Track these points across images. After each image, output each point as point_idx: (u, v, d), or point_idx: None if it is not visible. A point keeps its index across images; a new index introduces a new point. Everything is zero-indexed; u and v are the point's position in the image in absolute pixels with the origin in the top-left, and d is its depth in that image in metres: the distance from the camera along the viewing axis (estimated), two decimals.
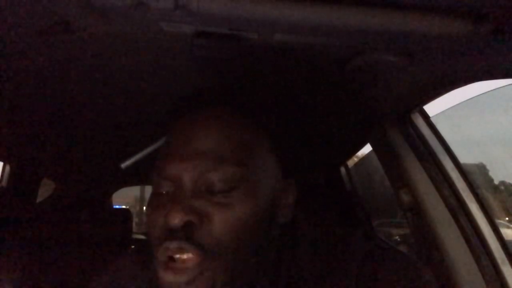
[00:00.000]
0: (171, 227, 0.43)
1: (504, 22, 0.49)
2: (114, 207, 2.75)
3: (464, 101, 1.40)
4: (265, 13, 0.47)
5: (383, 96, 0.85)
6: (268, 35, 0.56)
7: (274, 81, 0.82)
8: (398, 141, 0.95)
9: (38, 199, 1.94)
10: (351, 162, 1.90)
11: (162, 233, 0.45)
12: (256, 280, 0.49)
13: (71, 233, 1.80)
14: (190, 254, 0.43)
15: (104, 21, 0.54)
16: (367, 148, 1.46)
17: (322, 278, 0.51)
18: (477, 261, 0.84)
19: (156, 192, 0.49)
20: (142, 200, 8.22)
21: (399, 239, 2.29)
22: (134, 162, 0.63)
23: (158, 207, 0.47)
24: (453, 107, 1.41)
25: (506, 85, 1.13)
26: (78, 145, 1.39)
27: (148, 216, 0.48)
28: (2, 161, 1.64)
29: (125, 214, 2.07)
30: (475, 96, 1.35)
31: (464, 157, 1.02)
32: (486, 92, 1.31)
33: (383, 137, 0.98)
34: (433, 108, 0.99)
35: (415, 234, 0.96)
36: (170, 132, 0.52)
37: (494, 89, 1.27)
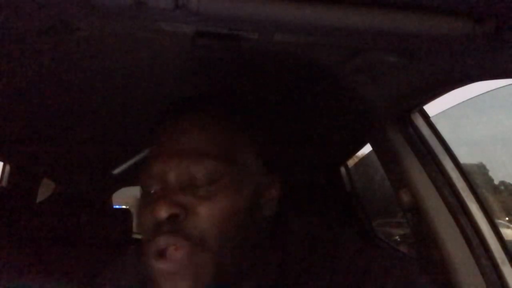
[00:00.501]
0: (158, 221, 0.46)
1: (504, 22, 0.49)
2: (114, 207, 2.75)
3: (464, 101, 1.40)
4: (265, 13, 0.47)
5: (383, 96, 0.85)
6: (268, 35, 0.56)
7: (274, 81, 0.82)
8: (398, 141, 0.95)
9: (38, 199, 1.94)
10: (351, 162, 1.91)
11: (151, 228, 0.48)
12: (243, 272, 0.51)
13: (71, 233, 1.80)
14: (178, 245, 0.46)
15: (104, 21, 0.54)
16: (367, 148, 1.46)
17: (312, 274, 0.52)
18: (477, 261, 0.84)
19: (144, 192, 0.52)
20: None
21: (399, 239, 2.29)
22: (134, 162, 0.63)
23: (146, 205, 0.49)
24: (453, 107, 1.41)
25: (506, 85, 1.13)
26: (78, 145, 1.39)
27: (138, 215, 0.51)
28: (2, 161, 1.64)
29: (125, 214, 2.07)
30: (475, 96, 1.35)
31: (464, 157, 1.02)
32: (486, 92, 1.32)
33: (383, 137, 0.98)
34: (433, 108, 0.99)
35: (415, 234, 0.96)
36: (157, 135, 0.54)
37: (494, 89, 1.28)
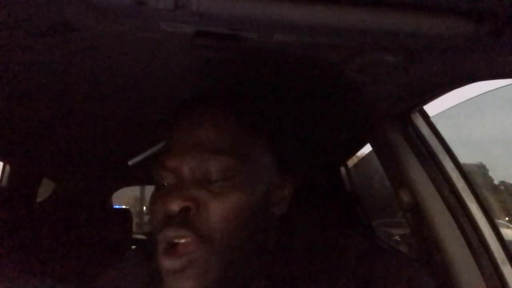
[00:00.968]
0: (169, 213, 0.46)
1: (504, 22, 0.49)
2: (114, 207, 2.76)
3: (464, 101, 1.40)
4: (265, 13, 0.47)
5: (383, 96, 0.85)
6: (268, 35, 0.56)
7: (274, 81, 0.82)
8: (398, 141, 0.95)
9: (38, 199, 1.94)
10: (351, 162, 1.91)
11: (162, 220, 0.48)
12: (251, 272, 0.51)
13: (71, 233, 1.80)
14: (187, 239, 0.46)
15: (104, 21, 0.54)
16: (367, 148, 1.46)
17: (318, 277, 0.51)
18: (477, 261, 0.84)
19: (158, 185, 0.52)
20: (142, 200, 8.22)
21: (399, 239, 2.29)
22: (134, 163, 0.63)
23: (159, 198, 0.49)
24: (453, 107, 1.41)
25: (506, 85, 1.13)
26: (78, 145, 1.39)
27: (150, 207, 0.51)
28: (2, 161, 1.64)
29: (125, 214, 2.08)
30: (475, 96, 1.35)
31: (464, 157, 1.02)
32: (486, 92, 1.31)
33: (383, 137, 0.98)
34: (433, 108, 0.99)
35: (415, 234, 0.96)
36: (171, 128, 0.54)
37: (494, 89, 1.28)
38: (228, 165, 0.48)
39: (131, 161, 0.64)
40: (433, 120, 0.96)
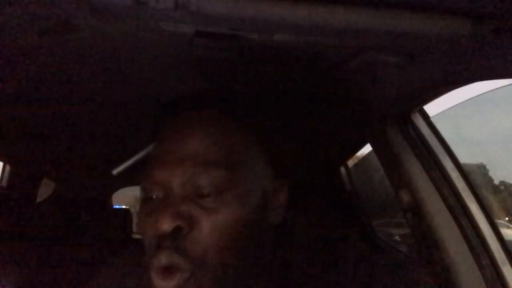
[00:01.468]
0: (161, 234, 0.44)
1: (504, 22, 0.49)
2: (114, 207, 2.76)
3: (464, 101, 1.40)
4: (265, 13, 0.47)
5: (383, 96, 0.85)
6: (268, 35, 0.56)
7: (274, 81, 0.82)
8: (398, 141, 0.95)
9: (38, 199, 1.94)
10: (351, 162, 1.90)
11: (154, 240, 0.45)
12: (248, 282, 0.49)
13: (71, 233, 1.80)
14: (180, 266, 0.44)
15: (104, 21, 0.54)
16: (367, 148, 1.46)
17: (317, 280, 0.51)
18: (477, 261, 0.84)
19: (146, 197, 0.49)
20: None
21: (399, 239, 2.29)
22: (134, 162, 0.63)
23: (149, 214, 0.47)
24: (453, 107, 1.41)
25: (506, 85, 1.13)
26: (78, 145, 1.39)
27: (140, 223, 0.49)
28: (2, 161, 1.64)
29: (125, 214, 2.07)
30: (475, 96, 1.35)
31: (464, 157, 1.02)
32: (486, 92, 1.32)
33: (383, 137, 0.98)
34: (433, 108, 0.98)
35: (415, 234, 0.96)
36: (158, 137, 0.52)
37: (494, 89, 1.28)
38: (221, 179, 0.46)
39: (116, 170, 0.62)
40: (433, 120, 0.96)
